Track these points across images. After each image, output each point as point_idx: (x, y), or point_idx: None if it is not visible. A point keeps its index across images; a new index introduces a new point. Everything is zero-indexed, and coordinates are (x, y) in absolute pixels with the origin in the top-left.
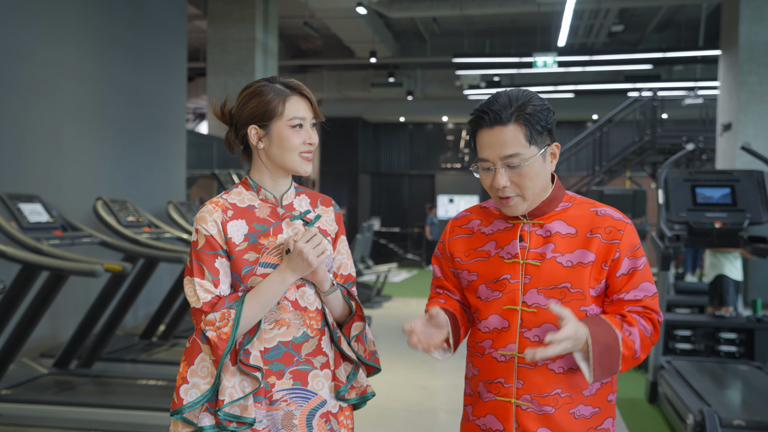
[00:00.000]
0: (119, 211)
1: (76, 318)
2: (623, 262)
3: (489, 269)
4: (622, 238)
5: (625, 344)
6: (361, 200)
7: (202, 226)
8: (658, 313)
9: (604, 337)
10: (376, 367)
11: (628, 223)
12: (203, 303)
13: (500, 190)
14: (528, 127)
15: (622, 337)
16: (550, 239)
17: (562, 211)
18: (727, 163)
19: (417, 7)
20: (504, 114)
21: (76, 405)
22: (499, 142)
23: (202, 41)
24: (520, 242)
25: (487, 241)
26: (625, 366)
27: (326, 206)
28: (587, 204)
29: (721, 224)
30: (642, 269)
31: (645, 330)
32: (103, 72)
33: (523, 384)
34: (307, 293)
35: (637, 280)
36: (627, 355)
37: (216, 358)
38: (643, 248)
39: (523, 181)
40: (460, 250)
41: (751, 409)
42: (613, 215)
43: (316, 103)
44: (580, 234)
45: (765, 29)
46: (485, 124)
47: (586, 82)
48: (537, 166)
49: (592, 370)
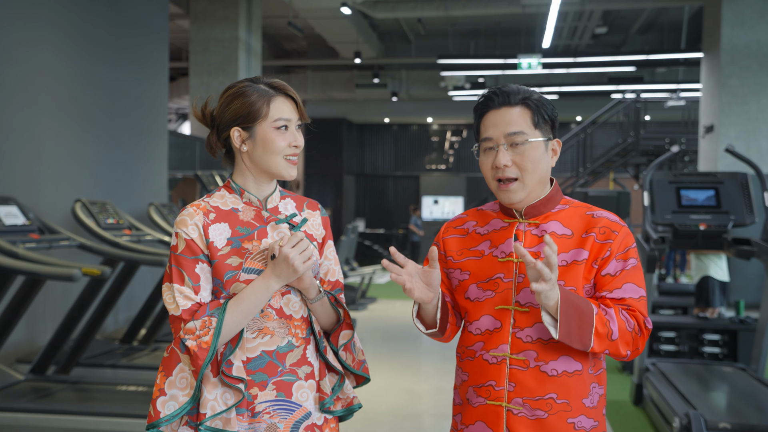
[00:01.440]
0: (99, 213)
1: (54, 322)
2: (611, 262)
3: (482, 268)
4: (615, 239)
5: (600, 319)
6: (345, 202)
7: (183, 230)
8: (645, 316)
9: (578, 301)
10: (365, 377)
11: (623, 225)
12: (183, 310)
13: (501, 170)
14: (534, 111)
15: (597, 312)
16: None
17: (558, 213)
18: (710, 164)
19: (402, 8)
20: (513, 97)
21: (54, 412)
22: (505, 121)
23: (184, 41)
24: (515, 241)
25: (481, 241)
26: (599, 344)
27: (312, 210)
28: (584, 208)
29: (705, 226)
30: (630, 270)
31: (627, 322)
32: (83, 71)
33: (515, 387)
34: (293, 300)
35: (620, 280)
36: (601, 332)
37: (196, 369)
38: (636, 251)
39: (525, 162)
40: (454, 249)
41: (736, 411)
42: (609, 217)
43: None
44: (576, 235)
45: (746, 32)
46: (493, 106)
47: (570, 84)
48: (539, 152)
49: (559, 325)
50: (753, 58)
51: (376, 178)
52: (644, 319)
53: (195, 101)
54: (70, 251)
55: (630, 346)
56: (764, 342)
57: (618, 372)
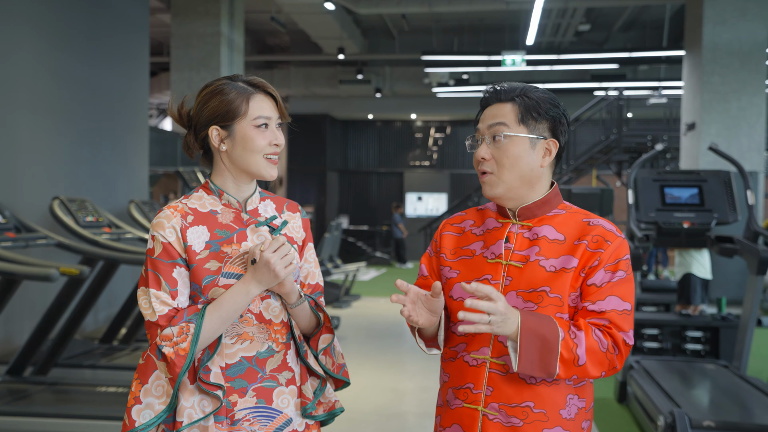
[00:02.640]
0: (77, 211)
1: (32, 322)
2: (599, 272)
3: (471, 268)
4: (607, 248)
5: (565, 345)
6: (329, 198)
7: (159, 233)
8: (625, 332)
9: (540, 328)
10: (344, 380)
11: (618, 236)
12: (159, 316)
13: (480, 162)
14: (523, 107)
15: (563, 337)
16: (536, 242)
17: (554, 217)
18: (692, 162)
19: (385, 4)
20: (505, 94)
21: (31, 415)
22: (493, 114)
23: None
24: (506, 243)
25: (475, 240)
26: (565, 370)
27: (293, 212)
28: (581, 214)
29: (689, 224)
30: (617, 283)
31: (600, 342)
32: (61, 66)
33: (492, 391)
34: (273, 305)
35: (605, 292)
36: (566, 358)
37: (173, 377)
38: (628, 264)
39: (502, 157)
40: (448, 247)
41: (720, 409)
42: (606, 226)
43: (282, 101)
44: (568, 241)
45: (727, 30)
46: (490, 101)
47: (553, 81)
48: (520, 148)
49: (518, 357)
50: (734, 57)
51: (360, 175)
52: (624, 336)
53: (171, 101)
54: (48, 250)
55: (603, 366)
56: (746, 339)
57: None
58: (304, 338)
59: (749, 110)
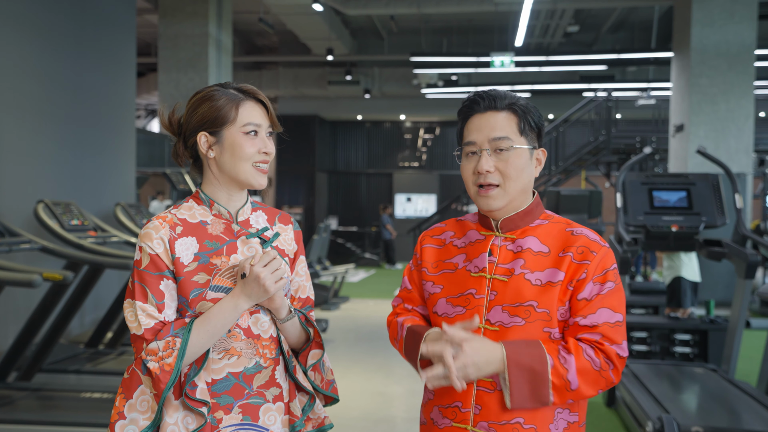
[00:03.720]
0: (62, 214)
1: (17, 327)
2: (587, 285)
3: (454, 283)
4: (593, 260)
5: (555, 372)
6: (318, 199)
7: (147, 244)
8: (618, 344)
9: (528, 360)
10: (333, 397)
11: (603, 245)
12: (145, 330)
13: (483, 175)
14: (521, 117)
15: (552, 364)
16: (520, 255)
17: (537, 228)
18: (680, 163)
19: (374, 5)
20: (499, 102)
21: (14, 422)
22: (490, 125)
23: (153, 36)
24: (489, 256)
25: (457, 253)
26: (559, 397)
27: (285, 224)
28: (564, 224)
29: (677, 228)
30: (606, 294)
31: (592, 362)
32: (45, 66)
33: (481, 409)
34: (261, 320)
35: (596, 305)
36: (558, 385)
37: (158, 392)
38: (615, 274)
39: (509, 169)
40: (429, 260)
41: (708, 414)
42: (589, 236)
43: (271, 102)
44: (552, 253)
45: (716, 32)
46: (479, 109)
47: (542, 82)
48: (523, 160)
49: (509, 394)
50: (722, 58)
51: (349, 176)
52: (617, 350)
53: (162, 109)
54: (32, 254)
55: (598, 385)
56: (734, 343)
57: None
58: (293, 353)
59: (737, 112)
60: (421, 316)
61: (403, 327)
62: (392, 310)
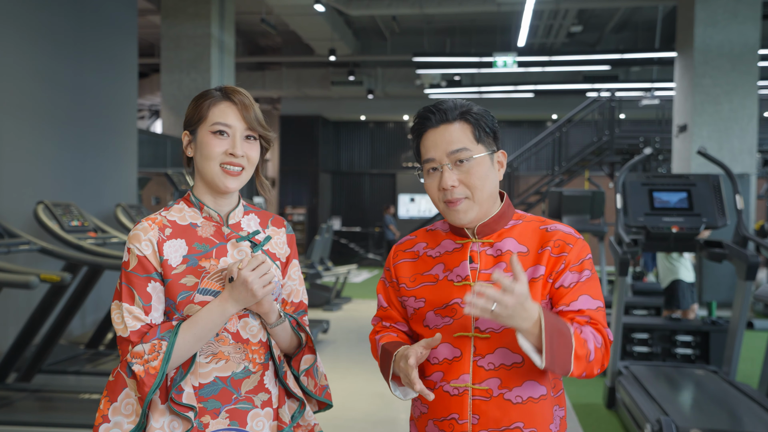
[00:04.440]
0: (62, 215)
1: (17, 328)
2: (566, 274)
3: (437, 294)
4: (570, 251)
5: (578, 340)
6: (321, 199)
7: (135, 246)
8: (607, 328)
9: (557, 323)
10: (327, 403)
11: (578, 238)
12: (131, 332)
13: (448, 191)
14: (474, 125)
15: (574, 332)
16: (501, 258)
17: (512, 228)
18: (683, 164)
19: (376, 5)
20: (450, 114)
21: (13, 423)
22: (446, 140)
23: (157, 36)
24: (470, 263)
25: (434, 264)
26: (577, 366)
27: (277, 227)
28: (537, 222)
29: (678, 229)
30: (585, 282)
31: (596, 339)
32: (46, 68)
33: (479, 419)
34: (251, 324)
35: (576, 292)
36: (580, 354)
37: (142, 396)
38: (591, 263)
39: (472, 180)
40: (405, 275)
41: (707, 416)
42: (564, 230)
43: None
44: (531, 252)
45: (719, 32)
46: (431, 124)
47: (545, 82)
48: (485, 168)
49: (545, 352)
50: (725, 58)
51: (353, 176)
52: (606, 332)
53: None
54: (31, 255)
55: (598, 363)
56: (735, 345)
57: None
58: (286, 358)
59: (741, 112)
60: (400, 332)
61: (379, 345)
62: (372, 329)
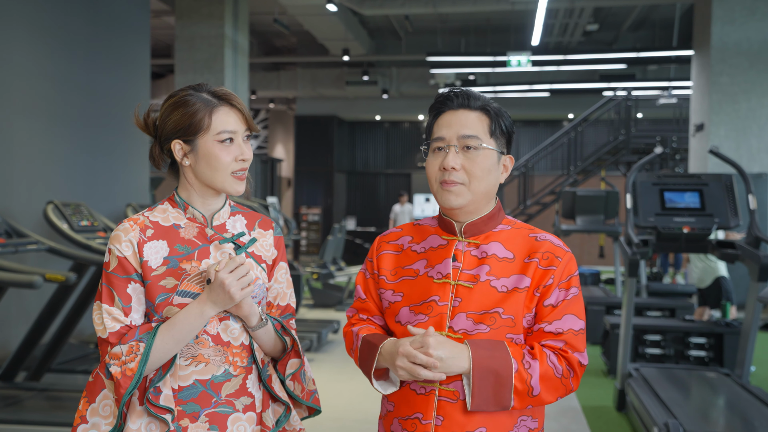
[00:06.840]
0: (72, 215)
1: (26, 327)
2: (554, 291)
3: (416, 290)
4: (559, 265)
5: (519, 377)
6: (336, 199)
7: (116, 246)
8: (580, 353)
9: (492, 363)
10: (315, 408)
11: (567, 251)
12: (110, 333)
13: (448, 172)
14: (493, 119)
15: (517, 368)
16: (485, 260)
17: (500, 233)
18: (700, 163)
19: (390, 5)
20: (473, 101)
21: (22, 422)
22: (461, 123)
23: (172, 37)
24: (453, 262)
25: (417, 259)
26: (520, 402)
27: (264, 229)
28: (527, 230)
29: (689, 229)
30: (571, 300)
31: (555, 368)
32: (58, 68)
33: (443, 421)
34: (232, 327)
35: (561, 311)
36: (521, 390)
37: (118, 397)
38: (578, 280)
39: (474, 169)
40: (387, 268)
41: (716, 420)
42: (553, 241)
43: (289, 102)
44: (517, 259)
45: (736, 30)
46: (452, 106)
47: (561, 81)
48: (491, 162)
49: (471, 396)
50: (743, 56)
51: (367, 176)
52: (579, 357)
53: (136, 110)
54: (40, 255)
55: (558, 392)
56: (748, 348)
57: (603, 376)
58: (273, 361)
59: (759, 111)
60: (378, 326)
61: (359, 337)
62: (347, 321)
